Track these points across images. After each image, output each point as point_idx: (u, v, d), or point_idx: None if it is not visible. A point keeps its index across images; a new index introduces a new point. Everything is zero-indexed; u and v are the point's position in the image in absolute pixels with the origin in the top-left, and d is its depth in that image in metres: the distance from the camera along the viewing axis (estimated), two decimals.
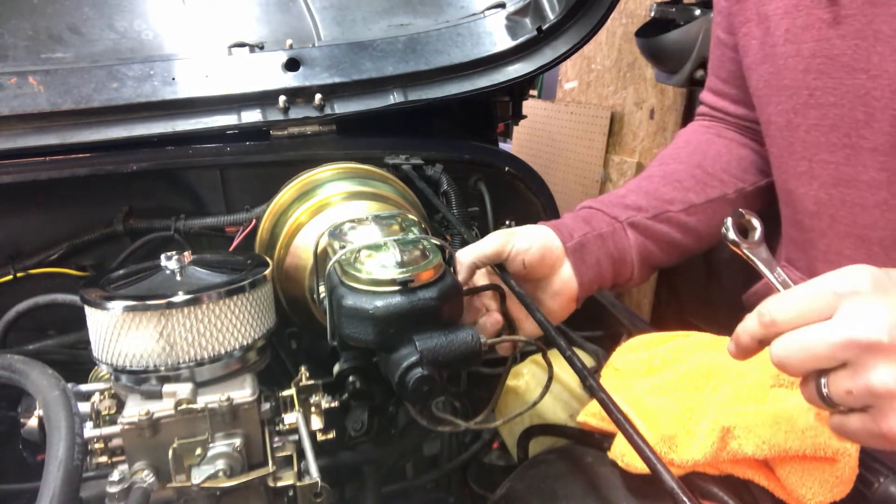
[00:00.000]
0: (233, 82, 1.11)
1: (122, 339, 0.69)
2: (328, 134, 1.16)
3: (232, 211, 1.07)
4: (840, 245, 0.78)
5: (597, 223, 0.84)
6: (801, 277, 0.84)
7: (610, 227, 0.84)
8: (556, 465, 0.75)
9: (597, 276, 0.83)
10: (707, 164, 0.91)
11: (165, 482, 0.67)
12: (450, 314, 0.69)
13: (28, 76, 1.03)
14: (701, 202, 0.87)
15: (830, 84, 0.74)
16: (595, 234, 0.83)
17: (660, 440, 0.63)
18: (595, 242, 0.82)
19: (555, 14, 1.23)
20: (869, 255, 0.76)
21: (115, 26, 1.15)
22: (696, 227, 0.87)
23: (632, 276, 0.86)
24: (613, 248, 0.83)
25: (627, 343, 0.84)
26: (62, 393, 0.64)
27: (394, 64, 1.20)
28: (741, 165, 0.91)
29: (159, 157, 1.04)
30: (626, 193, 0.89)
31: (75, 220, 1.03)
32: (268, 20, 1.25)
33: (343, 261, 0.70)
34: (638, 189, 0.89)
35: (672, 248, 0.87)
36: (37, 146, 1.01)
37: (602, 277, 0.84)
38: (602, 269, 0.83)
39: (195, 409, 0.67)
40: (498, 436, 1.10)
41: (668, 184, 0.89)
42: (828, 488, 0.59)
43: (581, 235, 0.82)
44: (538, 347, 0.73)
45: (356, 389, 0.83)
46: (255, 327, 0.74)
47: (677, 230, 0.86)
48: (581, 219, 0.85)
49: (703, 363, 0.73)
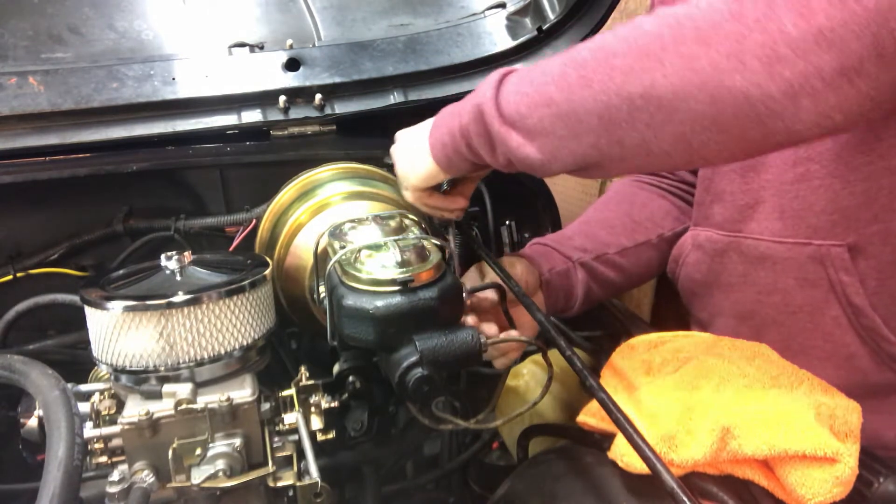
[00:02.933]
0: (233, 82, 1.11)
1: (122, 339, 0.69)
2: (328, 134, 1.16)
3: (232, 211, 1.07)
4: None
5: (554, 261, 0.94)
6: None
7: (564, 265, 0.94)
8: (556, 465, 0.76)
9: (553, 307, 0.94)
10: (634, 213, 1.02)
11: (165, 482, 0.67)
12: (450, 314, 0.69)
13: (28, 76, 1.03)
14: (631, 246, 0.99)
15: None
16: (556, 270, 0.93)
17: (660, 440, 0.63)
18: (556, 278, 0.93)
19: (555, 14, 1.24)
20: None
21: (115, 26, 1.15)
22: (627, 267, 0.98)
23: (572, 309, 0.95)
24: (567, 284, 0.94)
25: (627, 343, 0.84)
26: (62, 393, 0.64)
27: (394, 64, 1.20)
28: (660, 214, 1.03)
29: (159, 157, 1.04)
30: (572, 235, 0.99)
31: (75, 220, 1.03)
32: (268, 20, 1.25)
33: (343, 261, 0.70)
34: (581, 232, 1.00)
35: (608, 285, 0.97)
36: (37, 146, 1.01)
37: (555, 308, 0.94)
38: (558, 301, 0.94)
39: (195, 409, 0.67)
40: (498, 436, 1.10)
41: (603, 228, 1.00)
42: (828, 488, 0.59)
43: (548, 270, 0.92)
44: (538, 347, 0.73)
45: (356, 389, 0.83)
46: (255, 327, 0.74)
47: (612, 270, 0.97)
48: (540, 255, 0.95)
49: (703, 363, 0.73)
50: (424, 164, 0.76)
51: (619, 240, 0.99)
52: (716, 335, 0.82)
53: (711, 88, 0.51)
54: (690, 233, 0.93)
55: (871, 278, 0.73)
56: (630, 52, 0.56)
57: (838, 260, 0.74)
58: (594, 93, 0.57)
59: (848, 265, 0.74)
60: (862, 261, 0.73)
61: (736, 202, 0.84)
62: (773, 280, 0.80)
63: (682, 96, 0.53)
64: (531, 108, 0.63)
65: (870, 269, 0.73)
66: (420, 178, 0.78)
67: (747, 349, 0.75)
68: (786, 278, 0.79)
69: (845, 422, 0.63)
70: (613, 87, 0.56)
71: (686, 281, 0.94)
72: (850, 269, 0.74)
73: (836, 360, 0.77)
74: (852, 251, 0.73)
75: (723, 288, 0.87)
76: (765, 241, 0.81)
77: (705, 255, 0.89)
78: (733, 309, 0.86)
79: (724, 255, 0.86)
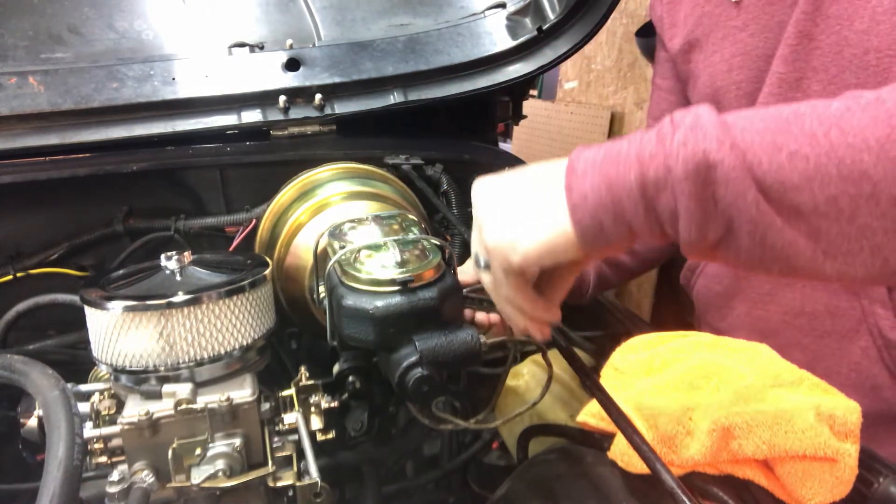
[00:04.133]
0: (233, 82, 1.11)
1: (121, 339, 0.68)
2: (328, 134, 1.16)
3: (232, 211, 1.07)
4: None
5: None
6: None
7: None
8: (556, 465, 0.75)
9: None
10: None
11: (165, 482, 0.67)
12: (450, 314, 0.69)
13: (28, 76, 1.03)
14: None
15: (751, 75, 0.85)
16: None
17: (660, 440, 0.63)
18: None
19: (555, 14, 1.23)
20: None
21: (115, 26, 1.15)
22: (639, 251, 0.97)
23: (585, 294, 0.94)
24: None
25: (627, 343, 0.84)
26: (62, 393, 0.64)
27: (394, 64, 1.20)
28: None
29: (159, 157, 1.04)
30: None
31: (75, 220, 1.03)
32: (268, 20, 1.25)
33: (343, 261, 0.70)
34: None
35: (621, 269, 0.96)
36: (37, 146, 1.01)
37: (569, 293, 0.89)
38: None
39: (195, 409, 0.67)
40: (498, 436, 1.10)
41: None
42: (828, 488, 0.59)
43: None
44: (538, 347, 0.73)
45: (356, 389, 0.83)
46: (255, 327, 0.74)
47: (625, 253, 0.96)
48: None
49: (703, 363, 0.73)
50: (552, 227, 0.50)
51: None
52: (716, 335, 0.82)
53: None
54: None
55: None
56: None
57: (874, 292, 0.72)
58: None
59: (884, 298, 0.71)
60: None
61: None
62: (801, 303, 0.78)
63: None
64: (807, 180, 0.41)
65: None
66: (539, 247, 0.50)
67: (747, 349, 0.75)
68: (815, 303, 0.77)
69: (845, 422, 0.63)
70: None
71: (703, 291, 0.93)
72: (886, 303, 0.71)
73: (860, 389, 0.76)
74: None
75: (745, 303, 0.85)
76: None
77: (727, 268, 0.87)
78: (755, 325, 0.85)
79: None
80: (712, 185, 0.43)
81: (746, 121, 0.44)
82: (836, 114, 0.41)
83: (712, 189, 0.43)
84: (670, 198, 0.44)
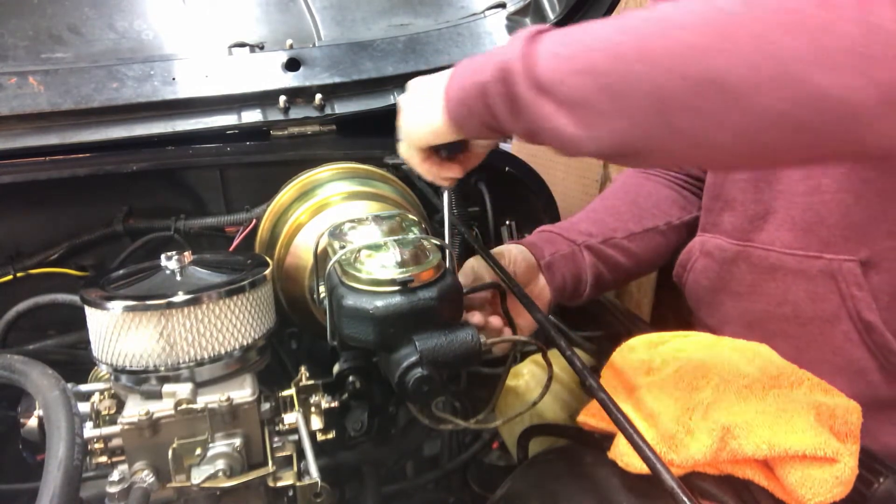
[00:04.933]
0: (233, 82, 1.11)
1: (122, 339, 0.68)
2: (328, 134, 1.16)
3: (232, 211, 1.07)
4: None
5: (559, 245, 0.92)
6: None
7: (569, 248, 0.92)
8: (556, 465, 0.76)
9: (560, 291, 0.91)
10: (640, 201, 1.02)
11: (165, 482, 0.67)
12: (450, 314, 0.69)
13: (28, 76, 1.03)
14: (639, 231, 0.98)
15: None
16: (560, 254, 0.91)
17: (660, 440, 0.63)
18: (560, 261, 0.91)
19: (555, 14, 1.24)
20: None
21: (115, 26, 1.15)
22: (636, 252, 0.97)
23: (583, 294, 0.94)
24: (574, 268, 0.92)
25: (627, 343, 0.84)
26: (62, 393, 0.64)
27: (394, 64, 1.20)
28: (667, 203, 1.03)
29: (159, 157, 1.04)
30: (577, 221, 0.98)
31: (75, 220, 1.03)
32: (268, 20, 1.25)
33: (343, 261, 0.70)
34: (586, 219, 0.99)
35: (619, 270, 0.96)
36: (37, 146, 1.01)
37: (564, 292, 0.92)
38: (566, 284, 0.91)
39: (195, 409, 0.67)
40: (498, 436, 1.10)
41: (610, 215, 0.99)
42: (828, 488, 0.59)
43: (550, 254, 0.90)
44: (538, 347, 0.73)
45: (356, 389, 0.83)
46: (255, 327, 0.74)
47: (621, 254, 0.96)
48: (545, 240, 0.93)
49: (703, 363, 0.73)
50: (434, 118, 0.68)
51: (627, 225, 0.97)
52: (716, 335, 0.82)
53: (790, 82, 0.44)
54: (698, 238, 0.93)
55: (884, 294, 0.72)
56: (699, 28, 0.48)
57: (850, 275, 0.73)
58: (651, 68, 0.50)
59: (860, 280, 0.72)
60: (875, 276, 0.72)
61: (747, 211, 0.83)
62: (783, 291, 0.79)
63: (754, 86, 0.45)
64: (571, 75, 0.54)
65: (883, 285, 0.72)
66: (426, 133, 0.70)
67: (747, 349, 0.75)
68: (796, 290, 0.78)
69: (845, 422, 0.63)
70: (675, 66, 0.48)
71: (694, 287, 0.94)
72: (863, 285, 0.72)
73: (846, 373, 0.76)
74: (865, 266, 0.72)
75: (732, 296, 0.86)
76: (775, 252, 0.80)
77: (714, 262, 0.88)
78: (742, 318, 0.86)
79: (734, 263, 0.85)
80: (512, 86, 0.58)
81: (561, 34, 0.57)
82: (639, 24, 0.52)
83: (512, 89, 0.58)
84: (493, 96, 0.60)
